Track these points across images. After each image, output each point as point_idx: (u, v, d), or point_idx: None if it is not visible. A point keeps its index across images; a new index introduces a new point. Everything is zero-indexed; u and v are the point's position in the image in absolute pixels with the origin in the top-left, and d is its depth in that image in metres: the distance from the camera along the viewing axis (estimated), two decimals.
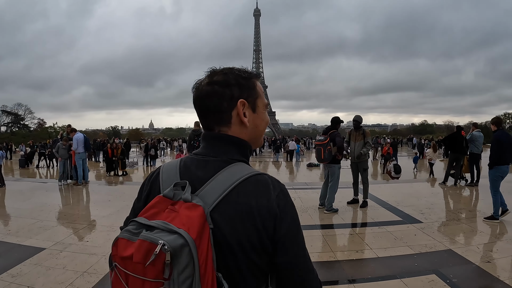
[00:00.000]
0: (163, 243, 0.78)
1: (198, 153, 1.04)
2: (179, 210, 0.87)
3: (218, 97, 1.02)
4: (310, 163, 19.67)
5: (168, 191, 0.92)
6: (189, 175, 0.99)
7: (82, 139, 10.20)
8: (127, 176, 15.41)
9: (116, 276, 0.85)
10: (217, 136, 1.04)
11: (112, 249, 0.86)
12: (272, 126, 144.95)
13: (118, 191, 9.36)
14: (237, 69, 1.07)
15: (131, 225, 0.88)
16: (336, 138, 7.02)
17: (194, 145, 9.95)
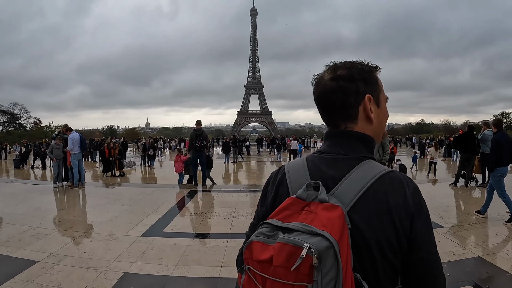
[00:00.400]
0: (309, 246, 0.76)
1: (324, 151, 1.01)
2: (317, 211, 0.85)
3: (344, 93, 0.98)
4: None
5: (301, 192, 0.90)
6: (320, 175, 0.96)
7: (78, 138, 9.70)
8: (125, 177, 14.91)
9: (249, 279, 0.85)
10: (345, 133, 1.00)
11: (244, 252, 0.87)
12: (269, 126, 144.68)
13: (116, 194, 8.86)
14: (358, 62, 1.04)
15: (264, 227, 0.87)
16: None
17: (196, 145, 9.50)
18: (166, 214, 6.70)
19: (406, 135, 49.76)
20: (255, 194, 8.74)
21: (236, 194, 8.75)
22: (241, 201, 7.93)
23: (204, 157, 9.96)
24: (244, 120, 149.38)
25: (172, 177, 14.91)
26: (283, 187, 1.00)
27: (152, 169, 18.37)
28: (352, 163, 0.95)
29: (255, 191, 9.25)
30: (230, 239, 5.18)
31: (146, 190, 9.29)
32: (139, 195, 8.52)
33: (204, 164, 10.00)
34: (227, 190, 9.60)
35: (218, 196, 8.66)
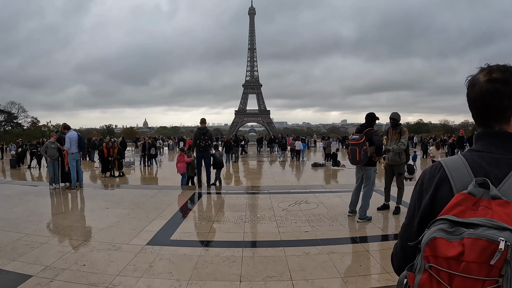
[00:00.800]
0: (505, 240, 0.77)
1: (479, 150, 1.04)
2: (492, 207, 0.87)
3: (500, 95, 1.01)
4: (315, 162, 18.84)
5: (473, 189, 0.92)
6: (484, 172, 0.98)
7: (75, 137, 9.16)
8: (124, 178, 14.39)
9: (430, 278, 0.85)
10: (499, 134, 1.03)
11: (424, 249, 0.87)
12: (267, 125, 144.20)
13: (116, 196, 8.35)
14: (510, 66, 1.05)
15: (442, 223, 0.88)
16: (374, 136, 6.17)
17: (200, 145, 9.00)
18: (172, 219, 6.20)
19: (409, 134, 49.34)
20: (264, 196, 8.25)
21: (244, 197, 8.26)
22: (250, 204, 7.45)
23: (208, 157, 9.47)
24: (242, 119, 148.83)
25: (173, 177, 14.41)
26: (445, 184, 1.02)
27: (151, 169, 17.87)
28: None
29: (263, 192, 8.76)
30: (244, 248, 4.70)
31: (148, 192, 8.78)
32: (141, 197, 8.02)
33: (209, 165, 9.51)
34: (233, 192, 9.09)
35: (225, 198, 8.17)
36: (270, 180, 13.45)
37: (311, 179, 13.94)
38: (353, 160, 6.24)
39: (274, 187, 10.01)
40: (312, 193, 8.70)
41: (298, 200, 7.81)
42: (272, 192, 8.79)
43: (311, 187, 9.89)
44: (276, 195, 8.32)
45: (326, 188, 9.91)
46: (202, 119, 9.43)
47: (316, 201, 7.72)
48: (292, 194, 8.60)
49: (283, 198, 7.99)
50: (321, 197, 8.14)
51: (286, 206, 7.22)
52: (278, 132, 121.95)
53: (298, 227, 5.78)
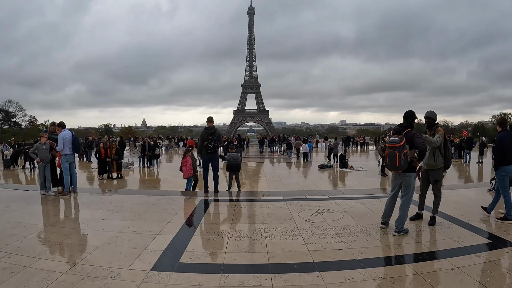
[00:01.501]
0: None
1: None
2: None
3: None
4: (322, 164, 17.95)
5: None
6: None
7: (69, 138, 8.21)
8: (123, 180, 13.45)
9: None
10: None
11: None
12: (265, 125, 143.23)
13: (114, 203, 7.40)
14: None
15: None
16: (416, 139, 5.28)
17: (208, 146, 8.08)
18: (179, 233, 5.28)
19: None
20: (280, 204, 7.34)
21: (257, 205, 7.34)
22: (267, 214, 6.52)
23: (217, 160, 8.55)
24: (241, 119, 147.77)
25: (174, 179, 13.49)
26: None
27: (151, 170, 16.93)
28: None
29: (278, 199, 7.85)
30: (272, 273, 3.80)
31: (149, 198, 7.84)
32: (142, 205, 7.09)
33: (217, 168, 8.59)
34: (244, 198, 8.17)
35: (237, 207, 7.25)
36: (278, 184, 12.55)
37: (322, 182, 13.05)
38: (391, 166, 5.34)
39: (289, 193, 9.08)
40: (332, 200, 7.82)
41: (319, 208, 6.93)
42: (288, 199, 7.88)
43: (328, 193, 9.00)
44: (293, 203, 7.42)
45: (345, 193, 9.01)
46: (209, 118, 8.51)
47: (339, 210, 6.84)
48: (311, 201, 7.70)
49: (301, 206, 7.10)
50: (343, 205, 7.27)
51: (308, 216, 6.33)
52: (277, 132, 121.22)
53: (329, 243, 4.89)
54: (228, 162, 9.08)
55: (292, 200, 7.75)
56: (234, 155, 9.26)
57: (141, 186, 12.07)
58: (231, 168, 9.13)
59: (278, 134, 43.60)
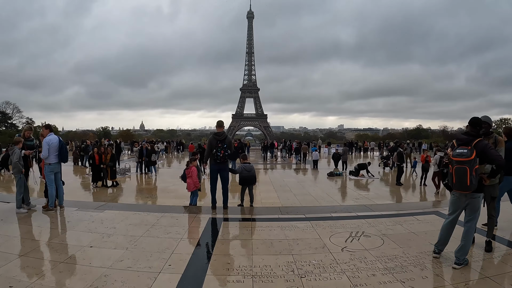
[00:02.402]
0: None
1: None
2: None
3: None
4: (331, 172, 16.71)
5: None
6: None
7: (56, 144, 6.95)
8: (118, 188, 12.17)
9: None
10: None
11: None
12: (264, 129, 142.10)
13: (105, 223, 6.12)
14: None
15: None
16: (489, 150, 4.13)
17: (217, 155, 6.86)
18: (187, 271, 4.03)
19: (419, 140, 47.00)
20: (304, 224, 6.12)
21: (277, 226, 6.08)
22: (292, 239, 5.29)
23: (226, 171, 7.34)
24: (239, 123, 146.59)
25: (174, 188, 12.22)
26: None
27: (149, 177, 15.63)
28: None
29: (300, 218, 6.62)
30: None
31: (148, 217, 6.57)
32: (139, 227, 5.84)
33: (226, 180, 7.36)
34: (259, 217, 6.89)
35: (254, 229, 5.99)
36: (288, 194, 11.33)
37: (337, 193, 11.82)
38: (460, 185, 4.14)
39: (309, 210, 7.82)
40: (363, 219, 6.62)
41: (352, 230, 5.75)
42: (311, 217, 6.67)
43: (354, 209, 7.76)
44: (318, 223, 6.22)
45: (372, 209, 7.80)
46: (219, 122, 7.30)
47: (375, 233, 5.68)
48: (338, 220, 6.51)
49: (330, 228, 5.90)
50: (377, 225, 6.14)
51: (343, 242, 5.13)
52: (275, 136, 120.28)
53: (382, 284, 3.71)
54: (240, 175, 7.85)
55: (317, 219, 6.54)
56: (247, 166, 8.04)
57: (138, 197, 10.77)
58: (245, 181, 7.90)
59: (282, 139, 42.37)
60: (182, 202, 9.75)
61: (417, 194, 11.71)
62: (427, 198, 10.59)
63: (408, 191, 12.30)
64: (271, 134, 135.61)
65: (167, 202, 9.71)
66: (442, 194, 10.98)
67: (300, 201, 10.09)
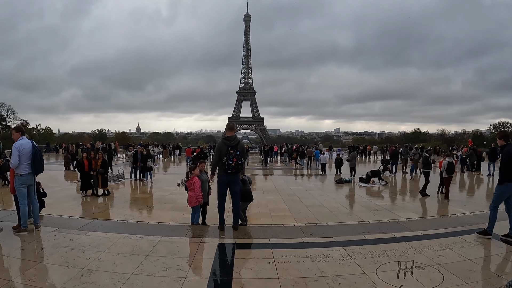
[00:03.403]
0: None
1: None
2: None
3: None
4: (340, 179, 15.48)
5: None
6: None
7: (28, 150, 5.58)
8: (110, 198, 10.86)
9: None
10: None
11: None
12: (260, 132, 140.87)
13: (88, 251, 4.80)
14: None
15: None
16: None
17: (228, 164, 5.60)
18: None
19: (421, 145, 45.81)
20: (337, 251, 4.86)
21: (306, 254, 4.80)
22: (330, 275, 4.02)
23: (238, 183, 6.07)
24: (236, 126, 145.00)
25: (172, 198, 10.90)
26: None
27: (144, 185, 14.29)
28: None
29: (329, 242, 5.36)
30: None
31: (141, 242, 5.24)
32: (130, 258, 4.54)
33: (237, 195, 6.07)
34: (282, 242, 5.54)
35: (278, 260, 4.66)
36: (299, 205, 10.11)
37: (353, 204, 10.56)
38: None
39: (336, 229, 6.49)
40: (404, 241, 5.46)
41: (398, 260, 4.58)
42: (343, 242, 5.43)
43: (388, 228, 6.51)
44: (353, 249, 5.01)
45: (408, 227, 6.58)
46: (230, 125, 6.06)
47: (427, 261, 4.60)
48: (375, 244, 5.29)
49: (371, 256, 4.69)
50: (424, 250, 5.05)
51: (394, 279, 3.99)
52: (271, 139, 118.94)
53: None
54: (245, 190, 6.59)
55: (350, 243, 5.32)
56: (249, 178, 6.85)
57: (131, 209, 9.45)
58: (248, 197, 6.68)
59: (283, 143, 41.12)
60: (181, 215, 8.49)
61: (441, 205, 10.48)
62: (455, 210, 9.37)
63: (426, 200, 11.05)
64: (268, 137, 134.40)
65: (164, 216, 8.44)
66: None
67: (315, 215, 8.85)
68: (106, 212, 8.95)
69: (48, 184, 13.88)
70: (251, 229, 6.39)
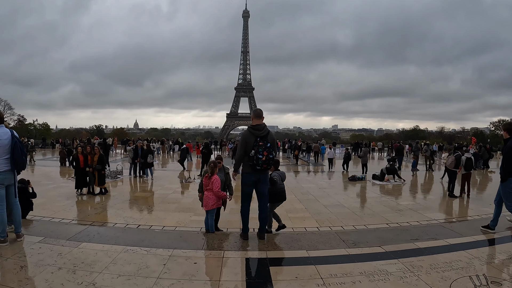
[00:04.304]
0: None
1: None
2: None
3: None
4: (353, 176, 14.45)
5: None
6: None
7: (6, 141, 4.44)
8: (108, 197, 9.76)
9: None
10: None
11: None
12: None
13: (80, 270, 3.73)
14: None
15: None
16: None
17: (258, 159, 4.52)
18: None
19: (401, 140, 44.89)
20: (393, 265, 3.83)
21: (360, 272, 3.74)
22: None
23: (266, 182, 4.99)
24: (234, 122, 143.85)
25: (176, 197, 9.82)
26: None
27: (144, 182, 13.19)
28: None
29: (377, 253, 4.31)
30: None
31: (147, 258, 4.14)
32: (134, 281, 3.47)
33: (267, 197, 5.01)
34: (322, 255, 4.43)
35: (328, 282, 3.58)
36: (316, 204, 9.16)
37: (376, 204, 9.46)
38: None
39: (381, 237, 5.34)
40: (462, 250, 4.53)
41: (467, 273, 3.68)
42: (394, 252, 4.40)
43: (435, 232, 5.40)
44: (411, 261, 4.06)
45: (457, 231, 5.54)
46: (258, 112, 4.90)
47: (497, 274, 3.77)
48: (433, 255, 4.27)
49: (435, 270, 3.82)
50: (489, 259, 4.28)
51: None
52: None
53: None
54: (274, 189, 5.55)
55: (403, 254, 4.34)
56: (282, 174, 5.77)
57: (132, 211, 8.37)
58: (280, 197, 5.62)
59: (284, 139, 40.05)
60: (188, 217, 7.46)
61: (466, 204, 9.47)
62: (483, 210, 8.36)
63: (448, 200, 10.04)
64: None
65: (168, 218, 7.38)
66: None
67: (337, 216, 7.88)
68: (103, 214, 7.86)
69: (41, 181, 12.74)
70: (279, 236, 5.31)
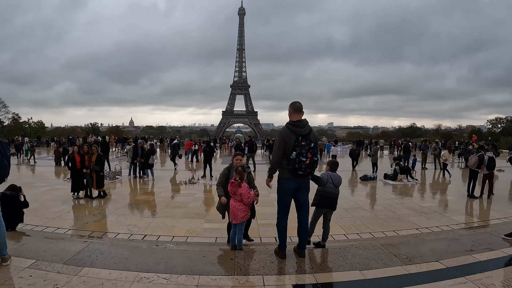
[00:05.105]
0: None
1: None
2: None
3: None
4: (365, 175, 13.67)
5: None
6: None
7: None
8: (107, 201, 8.87)
9: None
10: None
11: None
12: (254, 126, 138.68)
13: None
14: None
15: None
16: None
17: (301, 162, 3.65)
18: None
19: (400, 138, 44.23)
20: (465, 284, 3.04)
21: None
22: None
23: (307, 189, 4.11)
24: (229, 120, 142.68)
25: (181, 201, 8.90)
26: None
27: (145, 184, 12.28)
28: None
29: (447, 272, 3.50)
30: None
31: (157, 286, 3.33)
32: None
33: (307, 206, 4.17)
34: (377, 276, 3.58)
35: None
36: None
37: (398, 207, 8.68)
38: None
39: (432, 249, 4.43)
40: None
41: None
42: (456, 267, 3.63)
43: (488, 243, 4.62)
44: (480, 278, 3.36)
45: (501, 235, 4.78)
46: (297, 106, 3.99)
47: None
48: (497, 270, 3.53)
49: None
50: None
51: None
52: (264, 133, 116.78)
53: None
54: (324, 191, 4.74)
55: (466, 270, 3.58)
56: (335, 177, 4.95)
57: (134, 215, 7.49)
58: (329, 202, 4.80)
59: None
60: (199, 225, 6.65)
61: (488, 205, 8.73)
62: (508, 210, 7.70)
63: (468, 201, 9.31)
64: (261, 131, 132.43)
65: (177, 226, 6.56)
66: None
67: (361, 220, 7.19)
68: (103, 222, 6.98)
69: (35, 183, 11.78)
70: (318, 252, 4.45)
